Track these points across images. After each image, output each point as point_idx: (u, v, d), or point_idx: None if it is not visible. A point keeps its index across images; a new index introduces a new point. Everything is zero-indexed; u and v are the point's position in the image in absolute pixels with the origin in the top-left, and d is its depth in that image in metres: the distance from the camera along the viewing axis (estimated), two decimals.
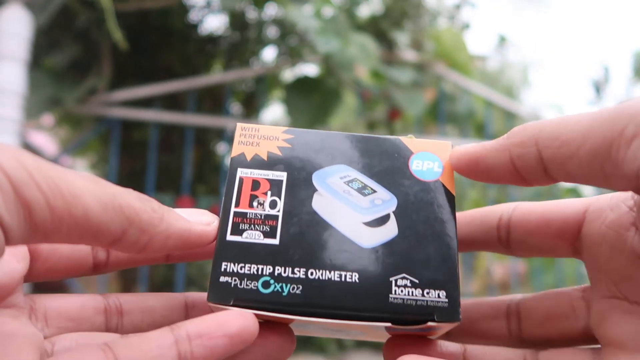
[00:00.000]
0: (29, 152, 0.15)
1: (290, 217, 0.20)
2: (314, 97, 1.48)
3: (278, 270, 0.19)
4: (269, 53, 2.34)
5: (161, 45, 1.72)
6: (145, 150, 1.55)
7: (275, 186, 0.21)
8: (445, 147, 0.22)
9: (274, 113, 3.00)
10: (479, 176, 0.21)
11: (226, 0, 1.57)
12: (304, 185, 0.21)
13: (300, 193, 0.21)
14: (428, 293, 0.19)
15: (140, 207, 0.17)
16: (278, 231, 0.20)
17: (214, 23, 2.40)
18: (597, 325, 0.20)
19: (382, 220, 0.20)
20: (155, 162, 1.51)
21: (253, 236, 0.20)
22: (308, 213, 0.20)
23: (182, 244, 0.19)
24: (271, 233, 0.20)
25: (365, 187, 0.21)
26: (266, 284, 0.19)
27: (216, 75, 1.80)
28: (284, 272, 0.19)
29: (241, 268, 0.19)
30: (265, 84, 1.78)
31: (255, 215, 0.20)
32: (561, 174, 0.18)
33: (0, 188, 0.14)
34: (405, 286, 0.19)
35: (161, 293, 0.22)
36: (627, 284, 0.19)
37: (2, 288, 0.18)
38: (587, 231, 0.21)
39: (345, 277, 0.19)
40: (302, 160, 0.21)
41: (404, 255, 0.20)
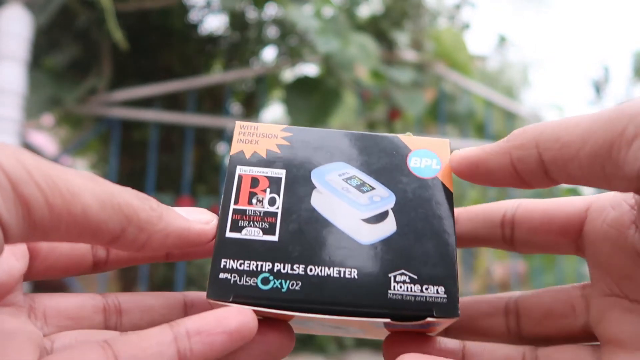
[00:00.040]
0: (28, 151, 0.15)
1: (289, 214, 0.20)
2: (314, 97, 1.48)
3: (277, 266, 0.19)
4: (269, 53, 2.34)
5: (161, 45, 1.73)
6: (145, 150, 1.55)
7: (274, 183, 0.21)
8: (443, 145, 0.22)
9: (274, 113, 2.99)
10: (480, 179, 0.21)
11: (226, 0, 1.57)
12: (303, 182, 0.21)
13: (299, 190, 0.21)
14: (427, 289, 0.19)
15: (138, 206, 0.17)
16: (277, 228, 0.20)
17: (214, 23, 2.40)
18: (597, 323, 0.20)
19: (381, 217, 0.20)
20: (155, 162, 1.51)
21: (252, 233, 0.20)
22: (307, 210, 0.20)
23: (181, 243, 0.19)
24: (270, 230, 0.20)
25: (363, 184, 0.21)
26: (265, 281, 0.19)
27: (216, 75, 1.80)
28: (283, 269, 0.19)
29: (240, 265, 0.19)
30: (265, 84, 1.78)
31: (254, 212, 0.20)
32: (562, 176, 0.18)
33: None
34: (404, 282, 0.19)
35: (160, 292, 0.22)
36: (628, 282, 0.19)
37: (2, 286, 0.18)
38: (589, 229, 0.21)
39: (344, 274, 0.19)
40: (301, 157, 0.21)
41: (403, 251, 0.20)
